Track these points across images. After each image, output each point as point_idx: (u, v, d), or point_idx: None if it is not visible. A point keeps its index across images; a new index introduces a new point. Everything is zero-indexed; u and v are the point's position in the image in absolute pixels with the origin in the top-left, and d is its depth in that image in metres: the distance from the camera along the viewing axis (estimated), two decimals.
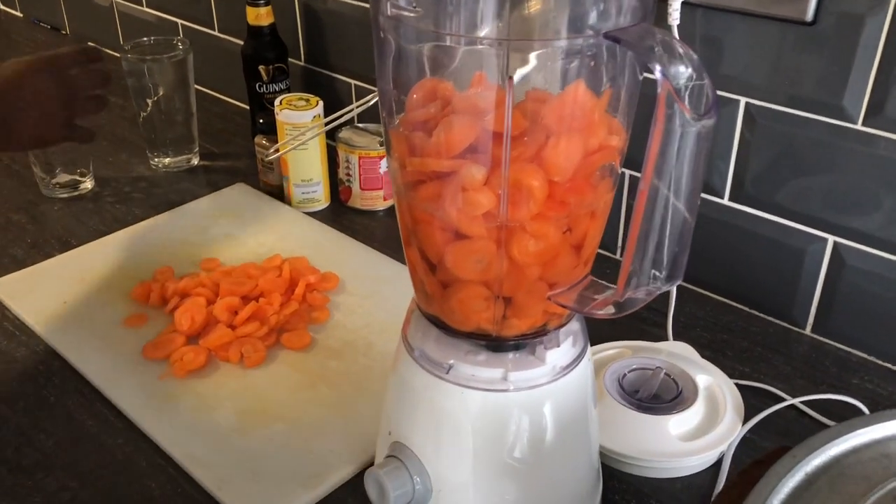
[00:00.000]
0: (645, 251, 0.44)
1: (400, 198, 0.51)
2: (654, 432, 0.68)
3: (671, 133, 0.40)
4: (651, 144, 0.41)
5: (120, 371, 0.77)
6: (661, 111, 0.40)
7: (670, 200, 0.42)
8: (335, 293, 0.88)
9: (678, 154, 0.41)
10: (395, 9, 0.42)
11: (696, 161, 0.41)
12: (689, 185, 0.42)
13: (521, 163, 0.45)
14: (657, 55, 0.39)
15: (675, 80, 0.39)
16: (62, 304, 0.86)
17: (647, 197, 0.42)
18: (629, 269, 0.45)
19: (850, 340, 0.82)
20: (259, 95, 1.17)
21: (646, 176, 0.42)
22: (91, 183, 1.11)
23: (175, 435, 0.70)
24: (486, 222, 0.46)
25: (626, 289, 0.46)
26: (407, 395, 0.56)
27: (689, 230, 0.44)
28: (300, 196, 1.05)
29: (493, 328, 0.51)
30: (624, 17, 0.42)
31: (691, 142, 0.40)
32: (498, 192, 0.45)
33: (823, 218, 0.79)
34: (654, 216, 0.43)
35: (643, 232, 0.43)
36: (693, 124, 0.40)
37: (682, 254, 0.45)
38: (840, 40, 0.72)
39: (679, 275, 0.46)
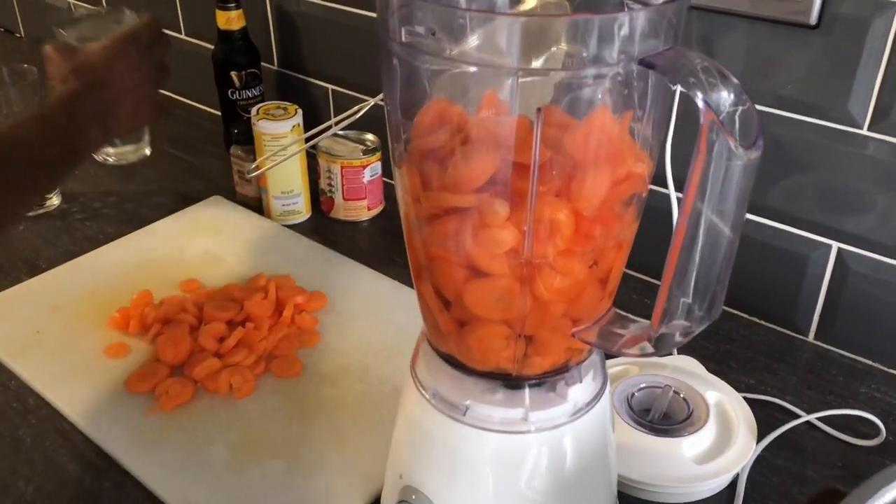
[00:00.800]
0: (681, 287, 0.41)
1: (411, 232, 0.47)
2: (668, 456, 0.65)
3: (714, 165, 0.37)
4: (692, 176, 0.38)
5: (102, 407, 0.72)
6: (703, 142, 0.37)
7: (712, 235, 0.39)
8: (323, 313, 0.84)
9: (722, 187, 0.38)
10: (410, 35, 0.39)
11: (740, 195, 0.38)
12: (732, 220, 0.39)
13: (548, 197, 0.41)
14: (698, 82, 0.36)
15: (719, 109, 0.37)
16: (35, 334, 0.81)
17: (685, 232, 0.39)
18: (664, 306, 0.42)
19: (855, 347, 0.80)
20: (232, 102, 1.13)
21: (685, 209, 0.39)
22: (58, 199, 1.06)
23: (165, 475, 0.66)
24: (509, 260, 0.43)
25: (661, 325, 0.43)
26: (419, 437, 0.52)
27: (728, 266, 0.41)
28: (280, 208, 1.01)
29: (513, 367, 0.48)
30: (655, 39, 0.39)
31: (737, 174, 0.38)
32: (523, 228, 0.42)
33: (826, 224, 0.77)
34: (693, 252, 0.40)
35: (680, 267, 0.41)
36: (740, 157, 0.37)
37: (721, 291, 0.42)
38: (845, 44, 0.70)
39: (717, 312, 0.43)
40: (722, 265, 0.41)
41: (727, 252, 0.41)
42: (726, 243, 0.40)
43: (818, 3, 0.69)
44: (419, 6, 0.38)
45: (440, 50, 0.39)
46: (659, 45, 0.39)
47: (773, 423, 0.72)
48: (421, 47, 0.39)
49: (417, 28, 0.38)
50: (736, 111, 0.37)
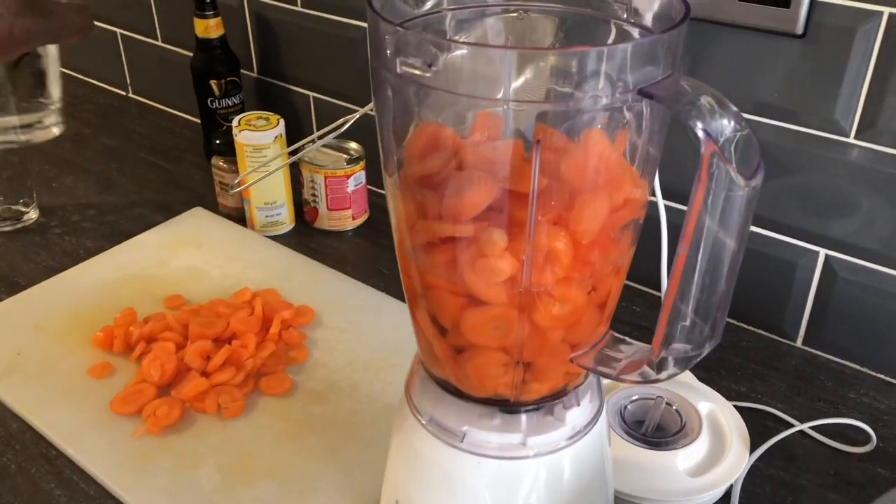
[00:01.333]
0: (682, 313, 0.41)
1: (406, 259, 0.46)
2: (662, 469, 0.65)
3: (715, 194, 0.37)
4: (692, 205, 0.38)
5: (88, 430, 0.71)
6: (703, 171, 0.37)
7: (713, 263, 0.39)
8: (311, 328, 0.83)
9: (723, 216, 0.37)
10: (406, 67, 0.38)
11: (742, 223, 0.38)
12: (734, 248, 0.39)
13: (545, 225, 0.41)
14: (698, 112, 0.36)
15: (719, 138, 0.36)
16: (16, 355, 0.79)
17: (685, 261, 0.39)
18: (665, 330, 0.42)
19: (843, 352, 0.81)
20: (212, 111, 1.11)
21: (686, 236, 0.39)
22: (35, 213, 1.04)
23: (154, 501, 0.65)
24: (507, 288, 0.43)
25: (662, 349, 0.43)
26: (415, 463, 0.52)
27: (729, 291, 0.41)
28: (263, 220, 0.99)
29: (511, 394, 0.48)
30: (654, 67, 0.39)
31: (738, 203, 0.37)
32: (521, 257, 0.41)
33: (814, 231, 0.77)
34: (693, 281, 0.40)
35: (680, 295, 0.40)
36: (741, 187, 0.36)
37: (722, 316, 0.42)
38: (831, 53, 0.70)
39: (718, 336, 0.43)
40: (723, 291, 0.41)
41: (728, 278, 0.40)
42: (727, 270, 0.40)
43: (804, 13, 0.69)
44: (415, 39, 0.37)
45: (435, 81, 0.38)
46: (657, 73, 0.39)
47: (765, 431, 0.72)
48: (416, 78, 0.38)
49: (413, 60, 0.37)
50: (736, 139, 0.37)
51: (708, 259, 0.39)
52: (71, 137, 1.24)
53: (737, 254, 0.40)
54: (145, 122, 1.30)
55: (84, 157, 1.19)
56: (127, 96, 1.38)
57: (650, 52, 0.38)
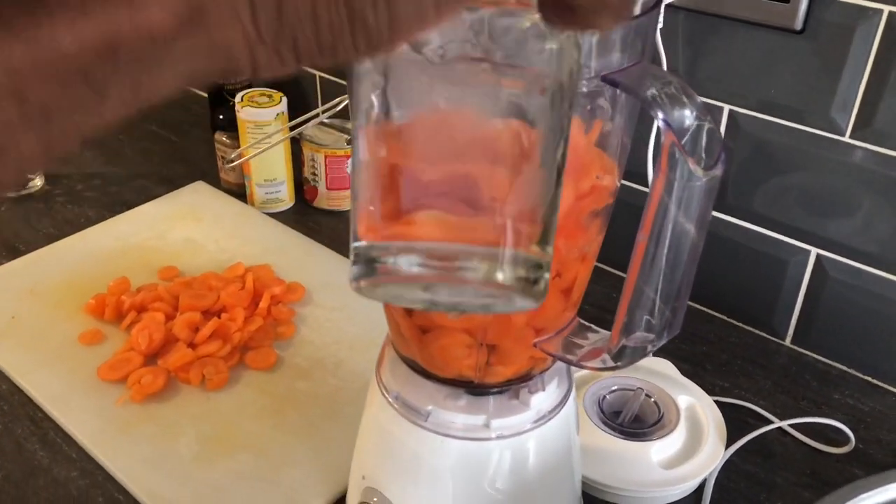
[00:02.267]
0: (641, 302, 0.41)
1: None
2: (635, 460, 0.65)
3: (676, 185, 0.37)
4: (652, 195, 0.38)
5: (74, 395, 0.72)
6: (664, 161, 0.37)
7: (672, 254, 0.39)
8: (301, 305, 0.84)
9: (681, 208, 0.37)
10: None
11: (700, 215, 0.38)
12: (692, 240, 0.39)
13: None
14: (660, 101, 0.36)
15: (679, 128, 0.36)
16: (10, 319, 0.81)
17: (645, 250, 0.39)
18: (624, 319, 0.42)
19: (831, 353, 0.80)
20: (219, 87, 1.12)
21: (645, 227, 0.39)
22: (41, 180, 1.05)
23: (133, 467, 0.66)
24: None
25: (620, 338, 0.43)
26: (382, 440, 0.52)
27: (689, 284, 0.41)
28: (263, 196, 1.00)
29: (475, 375, 0.48)
30: (621, 54, 0.39)
31: (697, 195, 0.37)
32: None
33: (806, 229, 0.77)
34: (653, 269, 0.40)
35: (640, 284, 0.40)
36: (699, 178, 0.37)
37: (682, 307, 0.42)
38: (829, 50, 0.69)
39: (677, 328, 0.43)
40: (683, 281, 0.41)
41: (688, 268, 0.41)
42: (687, 260, 0.40)
43: (804, 8, 0.69)
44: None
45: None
46: (624, 61, 0.39)
47: (745, 427, 0.72)
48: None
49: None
50: (699, 130, 0.37)
51: (667, 249, 0.39)
52: None
53: (696, 243, 0.40)
54: None
55: None
56: None
57: (617, 38, 0.38)
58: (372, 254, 0.32)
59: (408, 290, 0.32)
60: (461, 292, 0.31)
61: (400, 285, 0.32)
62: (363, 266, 0.32)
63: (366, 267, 0.32)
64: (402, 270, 0.31)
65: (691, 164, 0.36)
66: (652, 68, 0.38)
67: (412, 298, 0.32)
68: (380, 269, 0.32)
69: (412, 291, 0.32)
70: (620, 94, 0.42)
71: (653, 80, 0.37)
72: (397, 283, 0.32)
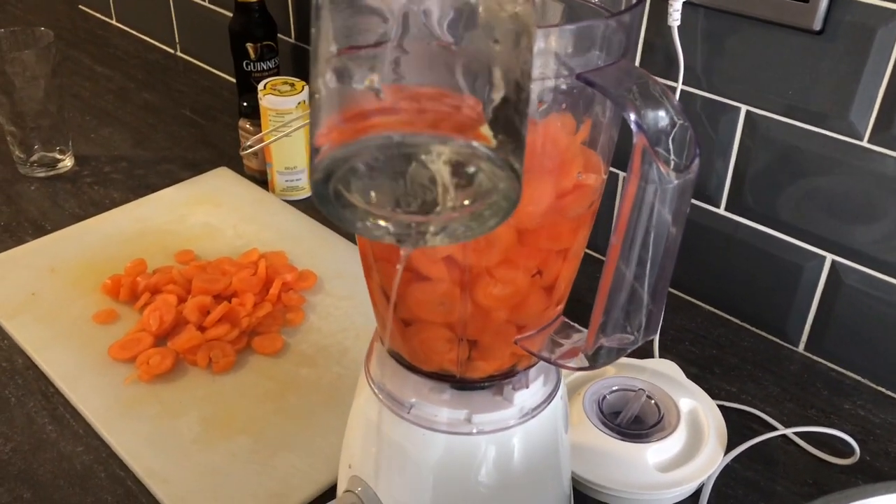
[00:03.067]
0: (616, 307, 0.41)
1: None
2: (631, 462, 0.65)
3: (648, 187, 0.37)
4: (624, 198, 0.37)
5: (85, 372, 0.74)
6: (636, 164, 0.36)
7: (645, 258, 0.39)
8: (312, 293, 0.85)
9: (654, 210, 0.37)
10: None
11: (674, 217, 0.38)
12: (666, 242, 0.39)
13: None
14: (632, 102, 0.36)
15: (652, 130, 0.36)
16: (31, 295, 0.83)
17: (619, 253, 0.39)
18: (599, 322, 0.42)
19: (844, 362, 0.79)
20: (247, 74, 1.13)
21: (618, 230, 0.38)
22: (70, 161, 1.08)
23: (136, 445, 0.67)
24: (447, 265, 0.43)
25: (596, 340, 0.43)
26: (367, 430, 0.53)
27: (664, 285, 0.41)
28: (284, 184, 1.01)
29: (457, 370, 0.48)
30: (605, 51, 0.38)
31: (670, 197, 0.37)
32: None
33: (822, 235, 0.75)
34: (626, 273, 0.39)
35: (615, 288, 0.40)
36: (671, 181, 0.36)
37: (658, 310, 0.41)
38: (849, 52, 0.67)
39: (654, 330, 0.42)
40: (659, 283, 0.40)
41: (663, 270, 0.40)
42: (662, 262, 0.40)
43: (823, 8, 0.67)
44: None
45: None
46: (602, 59, 0.38)
47: (748, 433, 0.71)
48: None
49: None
50: (673, 132, 0.36)
51: (640, 251, 0.39)
52: (115, 91, 1.28)
53: (671, 246, 0.39)
54: (188, 80, 1.33)
55: (124, 111, 1.22)
56: (174, 54, 1.42)
57: (594, 36, 0.38)
58: (334, 160, 0.29)
59: (378, 205, 0.30)
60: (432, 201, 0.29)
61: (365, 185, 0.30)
62: (323, 174, 0.29)
63: (326, 173, 0.29)
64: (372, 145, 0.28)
65: (662, 168, 0.36)
66: (629, 67, 0.38)
67: (381, 215, 0.31)
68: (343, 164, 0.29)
69: (381, 208, 0.30)
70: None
71: (628, 80, 0.37)
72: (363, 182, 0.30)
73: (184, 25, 1.38)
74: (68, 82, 1.29)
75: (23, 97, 0.99)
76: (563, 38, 0.37)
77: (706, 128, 0.78)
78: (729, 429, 0.69)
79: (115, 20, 1.52)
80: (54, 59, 1.00)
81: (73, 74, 1.33)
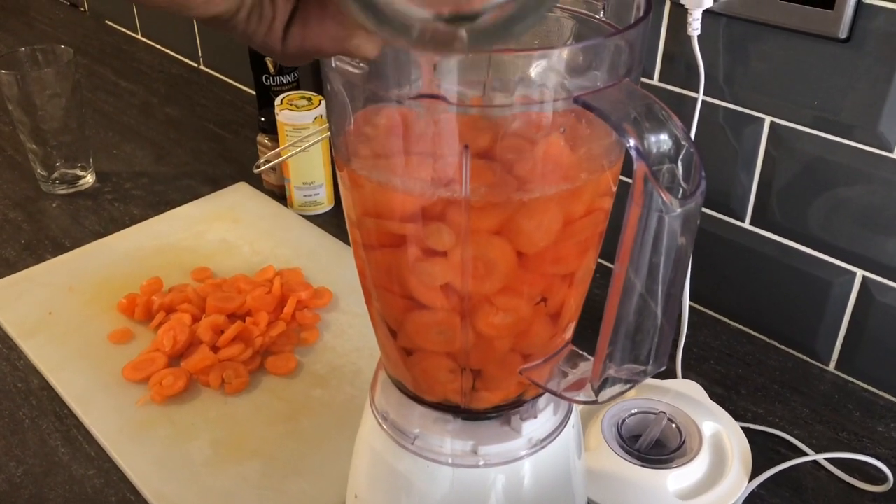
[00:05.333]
0: (621, 336, 0.39)
1: (359, 258, 0.46)
2: (650, 489, 0.63)
3: (650, 215, 0.35)
4: (626, 228, 0.35)
5: (98, 394, 0.74)
6: (637, 192, 0.34)
7: (652, 286, 0.37)
8: (327, 310, 0.84)
9: (656, 241, 0.35)
10: (339, 62, 0.37)
11: (678, 248, 0.36)
12: (671, 274, 0.37)
13: (485, 235, 0.39)
14: (632, 128, 0.34)
15: (654, 156, 0.34)
16: (48, 314, 0.83)
17: (622, 286, 0.37)
18: (604, 356, 0.40)
19: (877, 381, 0.76)
20: (266, 88, 1.13)
21: (621, 260, 0.36)
22: (92, 177, 1.08)
23: (147, 468, 0.67)
24: (446, 294, 0.41)
25: (603, 373, 0.41)
26: (372, 461, 0.51)
27: (673, 313, 0.39)
28: (302, 199, 1.00)
29: (461, 400, 0.47)
30: (607, 71, 0.37)
31: (673, 226, 0.35)
32: (457, 263, 0.40)
33: (852, 250, 0.72)
34: (629, 307, 0.37)
35: (621, 316, 0.38)
36: (674, 210, 0.34)
37: (665, 342, 0.39)
38: (877, 60, 0.65)
39: (662, 362, 0.40)
40: (666, 312, 0.38)
41: (669, 299, 0.38)
42: (667, 291, 0.38)
43: (849, 16, 0.64)
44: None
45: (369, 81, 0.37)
46: (603, 79, 0.36)
47: (775, 458, 0.68)
48: (347, 74, 0.37)
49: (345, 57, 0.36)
50: (678, 157, 0.34)
51: (645, 279, 0.37)
52: (138, 106, 1.28)
53: (679, 274, 0.37)
54: (211, 94, 1.33)
55: (147, 125, 1.23)
56: (198, 68, 1.42)
57: (594, 55, 0.36)
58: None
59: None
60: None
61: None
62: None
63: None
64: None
65: (665, 196, 0.34)
66: (631, 88, 0.36)
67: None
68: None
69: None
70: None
71: (630, 102, 0.35)
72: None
73: (207, 39, 1.38)
74: (92, 98, 1.30)
75: (44, 115, 1.00)
76: (563, 58, 0.36)
77: (729, 139, 0.76)
78: (754, 453, 0.66)
79: (140, 35, 1.53)
80: (74, 77, 1.01)
81: (97, 90, 1.34)
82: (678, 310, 0.39)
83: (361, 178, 0.41)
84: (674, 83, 0.77)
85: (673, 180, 0.35)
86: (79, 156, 1.06)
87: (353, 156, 0.41)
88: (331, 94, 0.40)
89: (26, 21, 1.64)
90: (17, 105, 0.99)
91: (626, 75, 0.38)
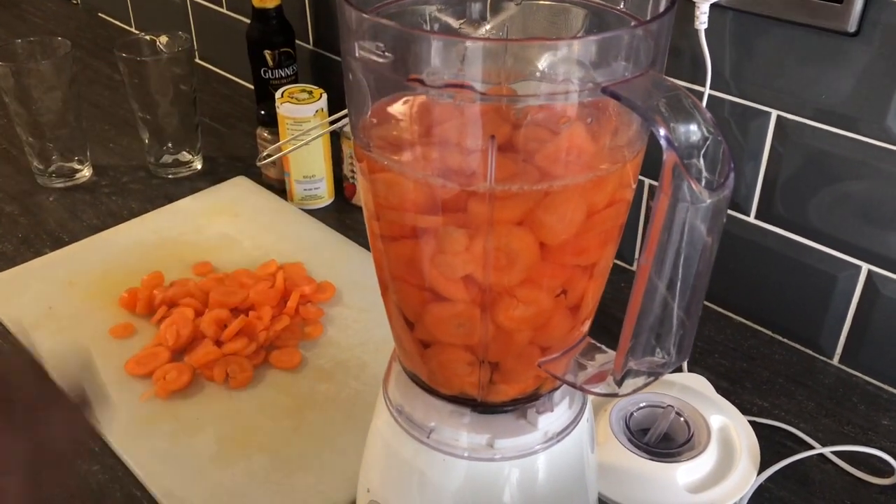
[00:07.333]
0: (645, 329, 0.38)
1: (376, 250, 0.45)
2: (660, 482, 0.63)
3: (679, 205, 0.34)
4: (654, 218, 0.35)
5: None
6: (666, 182, 0.34)
7: (677, 279, 0.37)
8: (330, 305, 0.83)
9: (686, 232, 0.35)
10: (363, 52, 0.37)
11: (708, 237, 0.35)
12: (700, 262, 0.36)
13: (507, 226, 0.39)
14: (661, 117, 0.33)
15: (683, 146, 0.34)
16: (48, 309, 0.82)
17: (648, 276, 0.37)
18: (627, 345, 0.40)
19: (882, 375, 0.76)
20: (265, 82, 1.12)
21: (648, 249, 0.36)
22: (88, 171, 1.07)
23: (152, 464, 0.66)
24: (467, 286, 0.41)
25: (625, 365, 0.40)
26: (385, 454, 0.51)
27: (697, 308, 0.39)
28: (302, 193, 1.00)
29: (478, 393, 0.46)
30: (632, 62, 0.36)
31: (702, 218, 0.35)
32: (479, 255, 0.40)
33: (857, 244, 0.72)
34: (657, 294, 0.37)
35: (645, 309, 0.38)
36: (704, 199, 0.34)
37: (690, 334, 0.39)
38: (885, 54, 0.65)
39: (685, 355, 0.40)
40: (691, 304, 0.38)
41: (696, 291, 0.38)
42: (694, 283, 0.37)
43: (858, 9, 0.64)
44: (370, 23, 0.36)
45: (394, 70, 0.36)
46: (629, 70, 0.36)
47: (782, 451, 0.68)
48: (372, 64, 0.37)
49: (369, 45, 0.35)
50: (705, 147, 0.34)
51: (671, 271, 0.36)
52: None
53: (704, 267, 0.37)
54: (207, 88, 1.32)
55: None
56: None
57: (620, 46, 0.36)
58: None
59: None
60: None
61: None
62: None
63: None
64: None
65: (694, 186, 0.33)
66: (658, 78, 0.35)
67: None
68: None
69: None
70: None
71: (657, 92, 0.35)
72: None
73: (202, 32, 1.37)
74: (87, 91, 1.29)
75: (40, 108, 0.99)
76: (588, 48, 0.35)
77: (735, 133, 0.76)
78: (762, 446, 0.66)
79: (134, 27, 1.52)
80: (71, 69, 1.00)
81: (93, 83, 1.33)
82: (702, 303, 0.39)
83: (382, 167, 0.40)
84: (680, 77, 0.77)
85: (701, 170, 0.34)
86: (75, 149, 1.05)
87: (374, 146, 0.41)
88: (352, 83, 0.40)
89: (18, 14, 1.62)
90: (13, 98, 0.98)
91: (651, 66, 0.37)
